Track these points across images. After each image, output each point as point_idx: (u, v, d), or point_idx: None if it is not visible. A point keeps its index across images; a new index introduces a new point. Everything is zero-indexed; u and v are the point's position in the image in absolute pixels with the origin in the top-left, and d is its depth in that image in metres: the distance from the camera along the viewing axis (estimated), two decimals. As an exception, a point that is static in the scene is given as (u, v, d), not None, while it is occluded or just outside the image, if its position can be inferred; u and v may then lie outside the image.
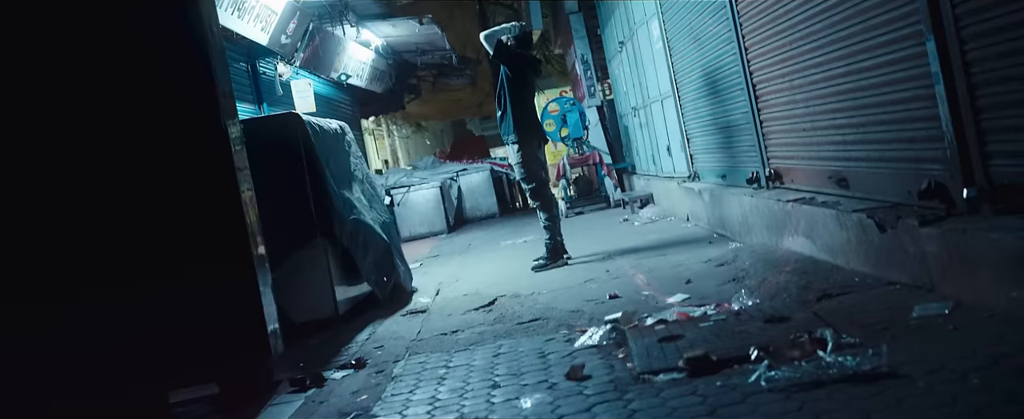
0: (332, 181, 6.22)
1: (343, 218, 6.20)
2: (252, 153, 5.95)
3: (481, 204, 15.41)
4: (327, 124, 6.77)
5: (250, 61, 9.23)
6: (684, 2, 7.43)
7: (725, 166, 7.12)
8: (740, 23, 5.93)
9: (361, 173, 7.22)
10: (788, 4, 4.88)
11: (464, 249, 10.52)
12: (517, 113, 7.26)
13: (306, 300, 6.08)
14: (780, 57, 5.24)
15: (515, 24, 7.60)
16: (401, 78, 15.48)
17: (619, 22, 11.26)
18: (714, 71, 6.93)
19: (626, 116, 12.39)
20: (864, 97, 4.12)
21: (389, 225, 7.28)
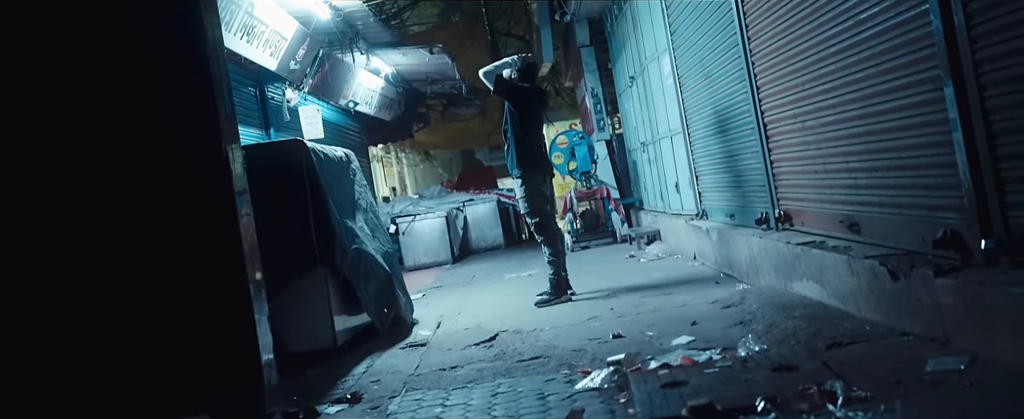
0: (335, 209, 6.15)
1: (345, 247, 6.11)
2: (254, 179, 5.89)
3: (487, 235, 15.32)
4: (332, 152, 6.71)
5: (259, 86, 9.20)
6: (696, 39, 7.38)
7: (734, 205, 7.03)
8: (752, 62, 5.87)
9: (365, 202, 7.15)
10: (801, 45, 4.81)
11: (468, 281, 10.41)
12: (520, 146, 7.19)
13: (304, 329, 5.98)
14: (792, 97, 5.17)
15: (515, 57, 7.51)
16: (410, 106, 15.46)
17: (630, 57, 11.22)
18: (725, 109, 6.86)
19: (635, 151, 12.33)
20: (878, 141, 4.04)
21: (391, 255, 7.20)
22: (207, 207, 4.10)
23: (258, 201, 5.82)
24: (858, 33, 4.04)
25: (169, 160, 4.06)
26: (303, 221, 5.91)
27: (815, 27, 4.57)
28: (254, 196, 5.77)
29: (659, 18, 8.79)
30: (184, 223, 4.06)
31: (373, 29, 10.41)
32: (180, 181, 4.07)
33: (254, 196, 5.77)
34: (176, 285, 4.02)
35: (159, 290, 4.01)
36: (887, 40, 3.75)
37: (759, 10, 5.51)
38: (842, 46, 4.26)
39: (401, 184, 27.95)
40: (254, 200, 5.74)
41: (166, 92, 4.06)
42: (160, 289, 4.02)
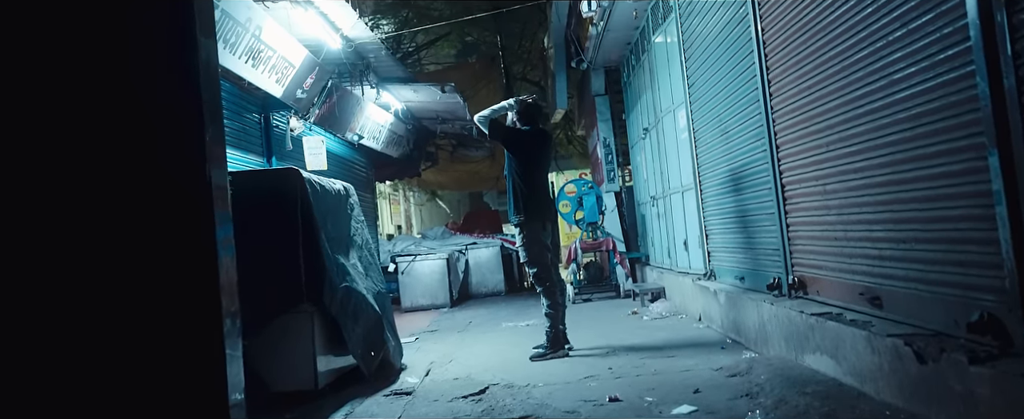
0: (327, 244, 5.87)
1: (334, 284, 5.82)
2: (244, 206, 5.63)
3: (488, 280, 15.02)
4: (330, 184, 6.45)
5: (263, 113, 8.99)
6: (714, 93, 7.14)
7: (744, 268, 6.72)
8: (773, 119, 5.61)
9: (361, 238, 6.87)
10: (828, 104, 4.56)
11: (464, 326, 10.09)
12: (518, 192, 6.93)
13: (286, 368, 5.69)
14: (814, 158, 4.90)
15: (511, 101, 7.25)
16: (419, 144, 15.25)
17: (645, 108, 11.00)
18: (740, 167, 6.59)
19: (644, 205, 12.05)
20: (907, 210, 3.75)
21: (384, 295, 6.90)
22: (182, 232, 3.82)
23: (246, 229, 5.55)
24: (892, 94, 3.78)
25: (143, 178, 3.78)
26: (292, 254, 5.64)
27: (844, 85, 4.31)
28: (243, 224, 5.49)
29: (677, 70, 8.58)
30: (154, 246, 3.78)
31: (384, 63, 10.21)
32: (153, 201, 3.79)
33: (243, 224, 5.49)
34: (139, 313, 3.72)
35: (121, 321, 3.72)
36: (924, 102, 3.49)
37: (783, 65, 5.27)
38: (873, 107, 4.00)
39: (407, 222, 27.73)
40: (242, 228, 5.46)
41: (146, 107, 3.79)
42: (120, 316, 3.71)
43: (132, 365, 3.61)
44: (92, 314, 3.65)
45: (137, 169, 3.69)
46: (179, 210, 3.79)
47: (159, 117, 3.80)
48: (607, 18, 10.02)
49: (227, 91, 8.07)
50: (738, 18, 6.20)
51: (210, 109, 3.97)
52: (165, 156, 3.82)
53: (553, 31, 13.64)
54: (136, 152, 3.72)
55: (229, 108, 8.20)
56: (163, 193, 3.79)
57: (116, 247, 3.65)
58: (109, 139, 3.70)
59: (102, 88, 3.74)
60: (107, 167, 3.69)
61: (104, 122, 3.74)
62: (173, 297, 3.77)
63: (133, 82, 3.77)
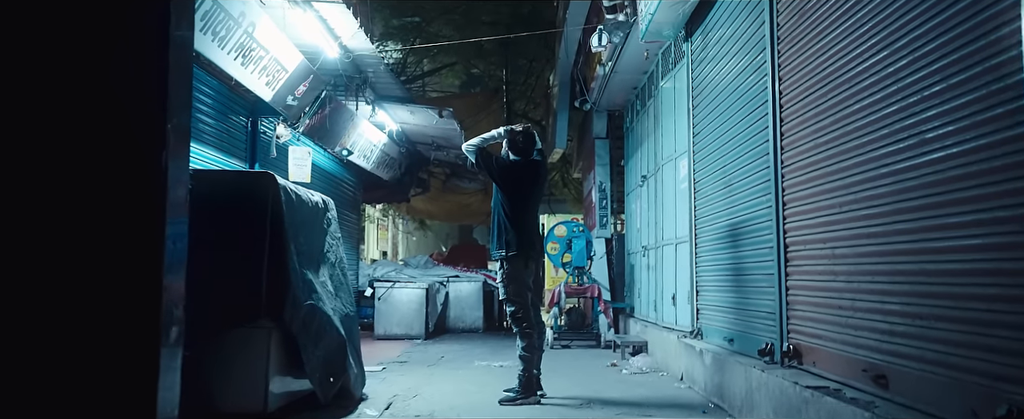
0: (295, 258, 5.48)
1: (298, 301, 5.42)
2: (210, 206, 5.25)
3: (466, 315, 14.60)
4: (308, 195, 6.08)
5: (252, 117, 8.63)
6: (720, 144, 6.82)
7: (735, 329, 6.34)
8: (782, 174, 5.28)
9: (335, 256, 6.48)
10: (846, 161, 4.22)
11: (435, 360, 9.68)
12: (503, 226, 6.58)
13: (234, 386, 5.28)
14: (825, 219, 4.55)
15: (502, 130, 6.88)
16: (411, 169, 14.90)
17: (646, 155, 10.69)
18: (742, 222, 6.24)
19: (635, 254, 11.69)
20: (930, 284, 3.39)
21: (351, 319, 6.49)
22: (124, 224, 3.43)
23: (208, 231, 5.17)
24: (922, 154, 3.44)
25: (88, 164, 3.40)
26: (256, 263, 5.24)
27: (866, 142, 3.98)
28: (205, 225, 5.10)
29: (683, 118, 8.27)
30: (91, 241, 3.38)
31: (383, 79, 9.89)
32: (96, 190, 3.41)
33: (205, 225, 5.10)
34: (60, 311, 3.32)
35: (45, 326, 3.31)
36: (961, 165, 3.15)
37: (799, 118, 4.94)
38: (898, 167, 3.66)
39: (393, 249, 27.31)
40: (204, 229, 5.07)
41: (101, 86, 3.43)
42: (36, 312, 3.30)
43: (43, 370, 3.20)
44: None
45: (76, 149, 3.31)
46: (123, 199, 3.41)
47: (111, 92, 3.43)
48: (617, 57, 9.74)
49: (214, 89, 7.73)
50: (754, 66, 5.90)
51: (176, 94, 3.60)
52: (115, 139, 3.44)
53: (560, 68, 13.40)
54: (80, 131, 3.34)
55: (215, 107, 7.84)
56: (107, 178, 3.40)
57: (41, 233, 3.26)
58: (46, 114, 3.33)
59: (40, 56, 3.36)
60: (40, 144, 3.31)
61: (40, 93, 3.36)
62: (103, 296, 3.36)
63: (82, 53, 3.40)
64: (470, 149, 6.78)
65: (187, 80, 3.71)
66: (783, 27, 5.29)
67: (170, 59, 3.55)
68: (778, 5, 5.39)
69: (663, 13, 7.30)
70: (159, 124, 3.44)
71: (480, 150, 6.74)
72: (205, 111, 7.71)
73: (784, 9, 5.26)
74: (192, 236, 4.56)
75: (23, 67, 3.23)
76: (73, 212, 3.26)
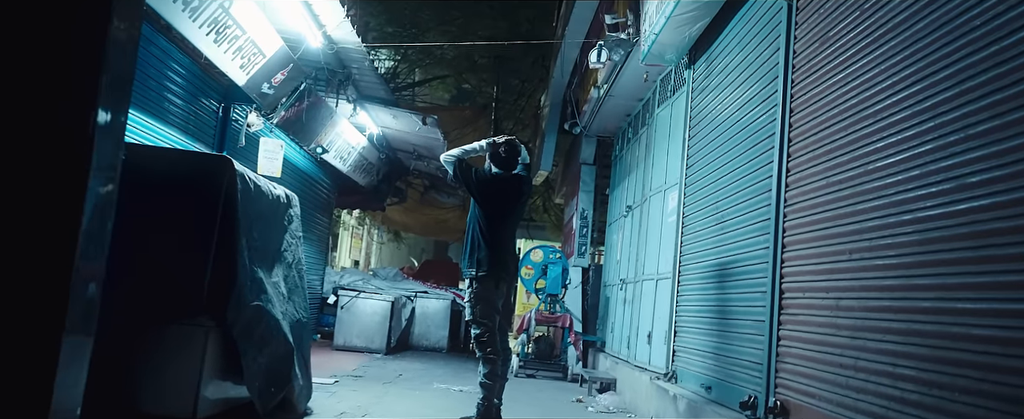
0: (246, 253, 5.00)
1: (244, 300, 4.93)
2: (155, 188, 4.77)
3: (431, 334, 14.12)
4: (270, 187, 5.60)
5: (224, 102, 8.12)
6: (715, 177, 6.40)
7: (714, 376, 5.89)
8: (784, 213, 4.86)
9: (292, 256, 6.00)
10: (863, 204, 3.80)
11: (392, 377, 9.18)
12: (476, 243, 6.14)
13: (162, 387, 4.79)
14: (830, 266, 4.12)
15: (485, 142, 6.44)
16: (389, 177, 14.40)
17: (633, 185, 10.27)
18: (732, 262, 5.82)
19: (612, 287, 11.23)
20: (954, 350, 2.96)
21: (304, 326, 6.00)
22: (37, 194, 2.94)
23: (151, 214, 4.70)
24: (958, 201, 3.02)
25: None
26: (200, 255, 4.76)
27: (890, 185, 3.56)
28: (147, 207, 4.64)
29: (677, 148, 7.87)
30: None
31: (367, 78, 9.41)
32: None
33: (147, 207, 4.64)
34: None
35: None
36: (1006, 217, 2.73)
37: (811, 153, 4.53)
38: (925, 214, 3.24)
39: (366, 259, 26.72)
40: (146, 212, 4.60)
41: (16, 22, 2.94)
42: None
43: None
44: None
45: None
46: (31, 154, 2.93)
47: (31, 44, 2.97)
48: (613, 80, 9.33)
49: (185, 68, 7.24)
50: (763, 96, 5.50)
51: (118, 40, 3.13)
52: (32, 97, 2.96)
53: (553, 87, 13.01)
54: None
55: (184, 87, 7.36)
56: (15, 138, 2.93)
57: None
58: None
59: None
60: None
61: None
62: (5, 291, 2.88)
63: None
64: (449, 160, 6.34)
65: (133, 24, 3.23)
66: (800, 55, 4.89)
67: (114, 10, 3.10)
68: (796, 32, 4.99)
69: (668, 34, 6.89)
70: (89, 72, 2.98)
71: (460, 161, 6.30)
72: (173, 90, 7.22)
73: (803, 36, 4.86)
74: (129, 215, 4.07)
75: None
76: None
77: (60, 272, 2.89)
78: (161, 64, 6.96)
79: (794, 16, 5.04)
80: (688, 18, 6.52)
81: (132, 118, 6.63)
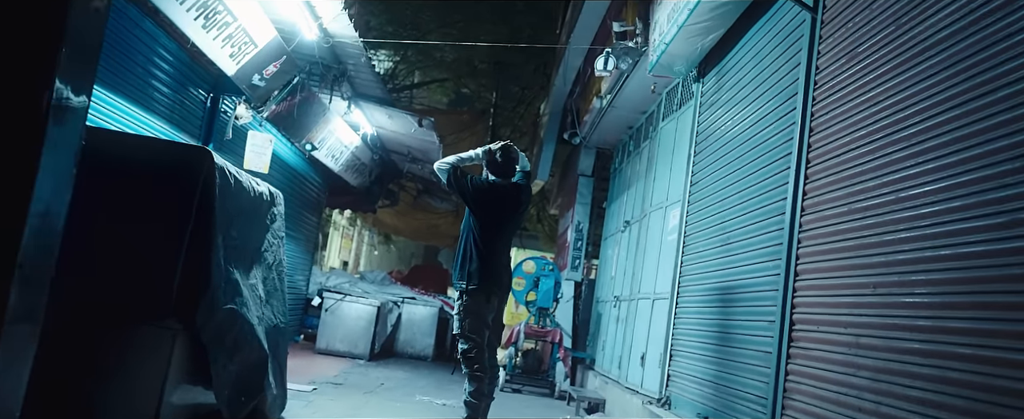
0: (222, 252, 4.66)
1: (216, 303, 4.59)
2: (125, 177, 4.44)
3: (417, 341, 13.76)
4: (253, 183, 5.27)
5: (214, 93, 7.78)
6: (723, 195, 6.11)
7: (711, 406, 5.58)
8: (799, 239, 4.55)
9: (273, 257, 5.67)
10: (891, 233, 3.50)
11: (374, 386, 8.86)
12: (469, 253, 5.84)
13: (122, 394, 4.44)
14: (851, 299, 3.81)
15: (481, 150, 6.16)
16: (381, 179, 14.07)
17: (633, 199, 9.97)
18: (737, 287, 5.51)
19: (604, 303, 10.91)
20: (999, 405, 2.64)
21: (281, 332, 5.66)
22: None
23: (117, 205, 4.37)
24: (1004, 240, 2.73)
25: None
26: (171, 252, 4.41)
27: (928, 214, 3.25)
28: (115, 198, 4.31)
29: (681, 164, 7.56)
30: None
31: (363, 75, 9.09)
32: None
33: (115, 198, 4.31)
34: None
35: None
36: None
37: (832, 176, 4.23)
38: (969, 250, 2.94)
39: (355, 261, 26.34)
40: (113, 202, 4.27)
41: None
42: None
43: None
44: None
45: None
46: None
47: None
48: (618, 90, 9.03)
49: (172, 54, 6.91)
50: (779, 113, 5.20)
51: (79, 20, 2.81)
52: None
53: (553, 95, 12.72)
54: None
55: (171, 74, 7.03)
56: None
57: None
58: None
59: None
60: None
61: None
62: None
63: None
64: (443, 167, 6.05)
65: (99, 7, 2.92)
66: (823, 71, 4.58)
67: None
68: (820, 46, 4.69)
69: (679, 45, 6.60)
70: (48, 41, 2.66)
71: (454, 168, 6.00)
72: (159, 77, 6.90)
73: (828, 51, 4.56)
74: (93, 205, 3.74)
75: None
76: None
77: (2, 258, 2.56)
78: (148, 49, 6.63)
79: (818, 30, 4.74)
80: (701, 28, 6.22)
81: (113, 104, 6.31)
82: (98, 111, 6.20)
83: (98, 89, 6.14)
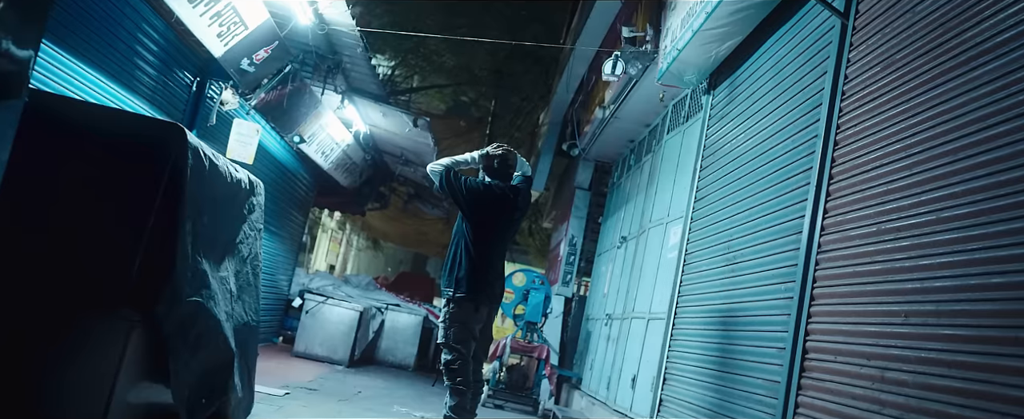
0: (189, 239, 4.27)
1: (180, 294, 4.20)
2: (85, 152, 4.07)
3: (399, 350, 13.34)
4: (230, 169, 4.89)
5: (200, 77, 7.41)
6: (730, 213, 5.76)
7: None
8: (817, 261, 4.19)
9: (249, 250, 5.28)
10: (928, 257, 3.15)
11: (350, 394, 8.46)
12: (459, 259, 5.52)
13: (69, 388, 4.05)
14: (876, 329, 3.45)
15: (477, 154, 5.86)
16: (372, 181, 13.68)
17: (631, 215, 9.61)
18: (743, 310, 5.15)
19: (595, 321, 10.52)
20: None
21: (251, 330, 5.28)
22: None
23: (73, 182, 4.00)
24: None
25: None
26: (131, 236, 4.03)
27: (970, 238, 2.90)
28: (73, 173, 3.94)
29: (686, 180, 7.21)
30: None
31: (359, 68, 8.72)
32: None
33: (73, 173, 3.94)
34: None
35: None
36: None
37: (859, 194, 3.87)
38: (1016, 279, 2.57)
39: (343, 265, 25.90)
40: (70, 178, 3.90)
41: None
42: None
43: None
44: None
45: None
46: None
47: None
48: (624, 97, 8.68)
49: (159, 32, 6.55)
50: (798, 126, 4.86)
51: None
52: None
53: (554, 104, 12.39)
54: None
55: (156, 53, 6.67)
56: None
57: None
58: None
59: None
60: None
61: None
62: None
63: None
64: (437, 169, 5.71)
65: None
66: (853, 80, 4.24)
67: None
68: (850, 54, 4.34)
69: (692, 52, 6.26)
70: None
71: (448, 169, 5.66)
72: (143, 55, 6.53)
73: (859, 59, 4.21)
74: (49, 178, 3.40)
75: None
76: None
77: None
78: (133, 25, 6.28)
79: (849, 37, 4.40)
80: (718, 34, 5.89)
81: (92, 80, 5.96)
82: (75, 86, 5.85)
83: (76, 62, 5.78)
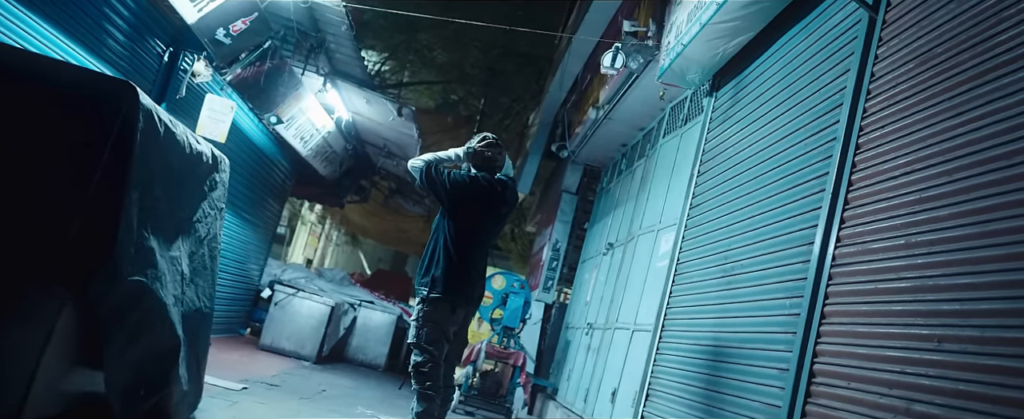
0: (135, 211, 3.83)
1: (120, 273, 3.76)
2: (20, 105, 3.63)
3: (369, 348, 12.91)
4: (191, 139, 4.45)
5: (174, 48, 6.93)
6: (729, 222, 5.37)
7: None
8: (829, 275, 3.78)
9: (207, 230, 4.84)
10: (963, 275, 2.74)
11: (313, 393, 8.02)
12: (436, 255, 5.13)
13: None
14: (899, 354, 3.05)
15: (461, 150, 5.50)
16: (353, 172, 13.22)
17: (619, 221, 9.21)
18: (740, 327, 4.75)
19: (575, 330, 10.10)
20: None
21: (203, 317, 4.84)
22: None
23: (11, 137, 3.57)
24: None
25: None
26: (69, 202, 3.59)
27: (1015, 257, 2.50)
28: (13, 128, 3.50)
29: (682, 186, 6.81)
30: None
31: (344, 49, 8.27)
32: None
33: (13, 128, 3.50)
34: None
35: None
36: None
37: (883, 203, 3.48)
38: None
39: (320, 260, 25.40)
40: (8, 133, 3.46)
41: None
42: None
43: None
44: None
45: None
46: None
47: None
48: (623, 93, 8.28)
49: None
50: (812, 129, 4.47)
51: None
52: None
53: (546, 104, 11.99)
54: None
55: (126, 19, 6.21)
56: None
57: None
58: None
59: None
60: None
61: None
62: None
63: None
64: (418, 165, 5.32)
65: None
66: (880, 78, 3.84)
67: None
68: (879, 50, 3.95)
69: (698, 48, 5.87)
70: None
71: (430, 165, 5.25)
72: (112, 20, 6.08)
73: (889, 55, 3.82)
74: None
75: None
76: None
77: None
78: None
79: (878, 31, 4.00)
80: (729, 28, 5.49)
81: (56, 42, 5.54)
82: (36, 46, 5.41)
83: (34, 18, 5.34)
